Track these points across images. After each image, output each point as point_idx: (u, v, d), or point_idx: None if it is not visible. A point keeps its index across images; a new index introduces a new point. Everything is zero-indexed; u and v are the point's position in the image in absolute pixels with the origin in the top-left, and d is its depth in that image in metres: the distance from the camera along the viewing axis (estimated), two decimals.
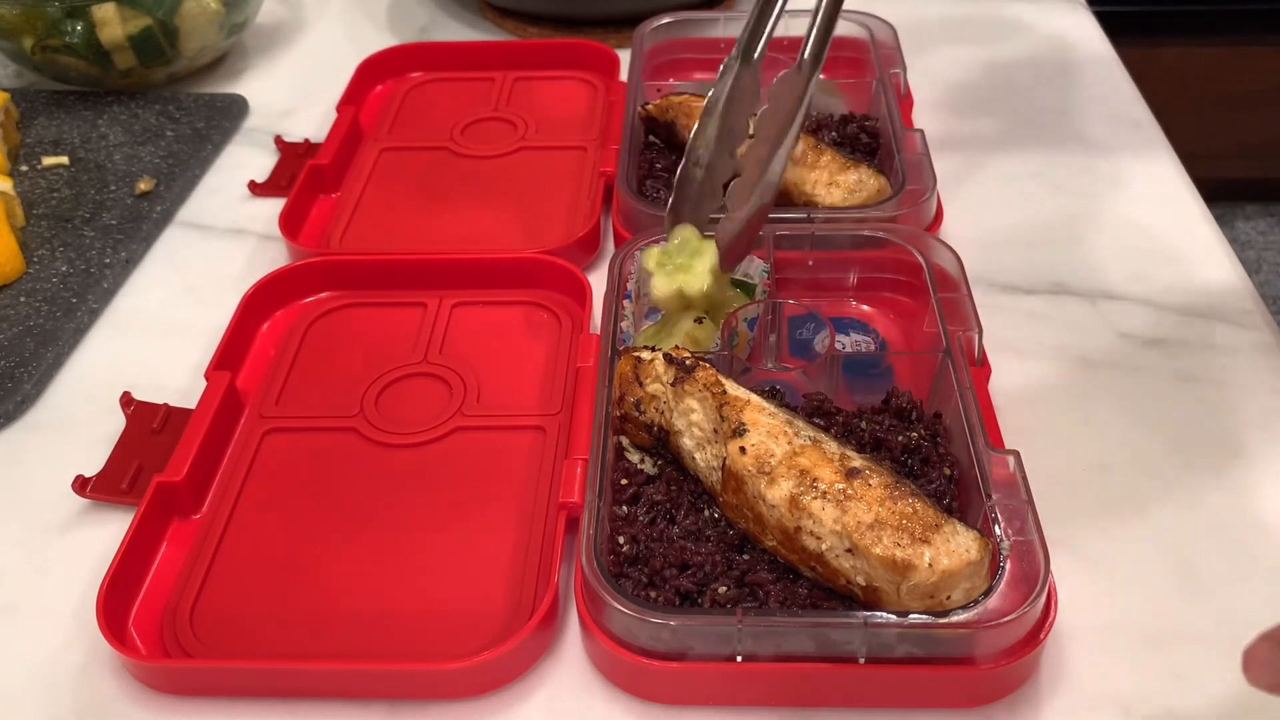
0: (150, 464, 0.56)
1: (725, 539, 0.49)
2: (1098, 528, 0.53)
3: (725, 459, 0.48)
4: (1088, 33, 0.91)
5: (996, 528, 0.46)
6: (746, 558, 0.49)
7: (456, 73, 0.89)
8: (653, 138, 0.76)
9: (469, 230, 0.73)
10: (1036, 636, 0.44)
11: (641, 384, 0.53)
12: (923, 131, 0.69)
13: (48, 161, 0.80)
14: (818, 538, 0.45)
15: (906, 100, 0.77)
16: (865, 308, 0.64)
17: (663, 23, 0.83)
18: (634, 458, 0.54)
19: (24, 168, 0.80)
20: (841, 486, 0.45)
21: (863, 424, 0.53)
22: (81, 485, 0.56)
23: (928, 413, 0.54)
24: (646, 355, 0.53)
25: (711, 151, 0.60)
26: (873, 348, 0.62)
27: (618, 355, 0.55)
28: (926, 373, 0.56)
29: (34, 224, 0.74)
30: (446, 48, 0.90)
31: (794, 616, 0.45)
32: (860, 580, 0.45)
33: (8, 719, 0.48)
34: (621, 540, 0.49)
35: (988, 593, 0.44)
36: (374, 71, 0.88)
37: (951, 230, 0.69)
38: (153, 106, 0.86)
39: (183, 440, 0.56)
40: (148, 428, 0.59)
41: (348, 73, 0.87)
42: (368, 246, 0.72)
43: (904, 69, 0.78)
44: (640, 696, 0.47)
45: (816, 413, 0.54)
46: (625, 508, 0.51)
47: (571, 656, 0.49)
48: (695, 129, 0.60)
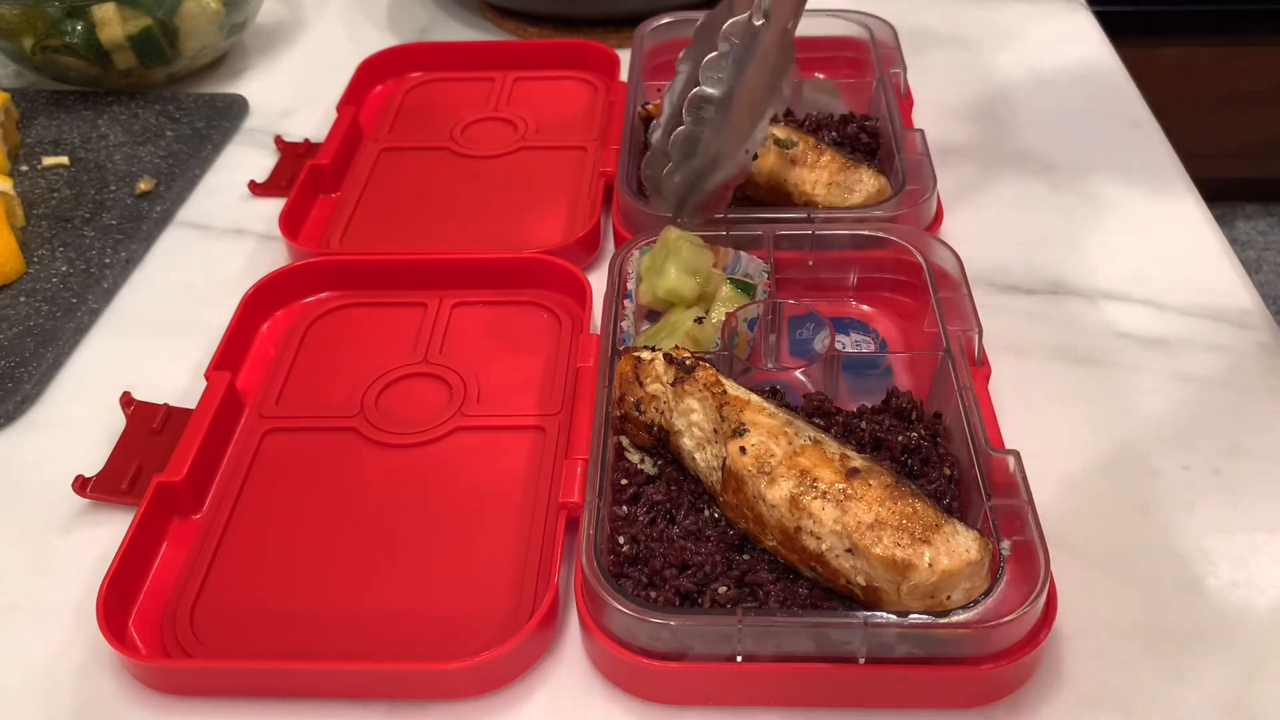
0: (150, 464, 0.56)
1: (725, 539, 0.49)
2: (1098, 528, 0.53)
3: (725, 459, 0.48)
4: (1087, 33, 0.91)
5: (996, 528, 0.46)
6: (746, 558, 0.49)
7: (456, 73, 0.89)
8: None
9: (469, 230, 0.73)
10: (1036, 636, 0.44)
11: (641, 384, 0.53)
12: (923, 131, 0.69)
13: (48, 161, 0.80)
14: (818, 538, 0.45)
15: (906, 100, 0.77)
16: (865, 308, 0.64)
17: (663, 23, 0.83)
18: (634, 458, 0.54)
19: (24, 168, 0.80)
20: (841, 486, 0.45)
21: (863, 424, 0.53)
22: (81, 485, 0.56)
23: (928, 413, 0.54)
24: (646, 355, 0.53)
25: (667, 115, 0.58)
26: (873, 348, 0.62)
27: (618, 355, 0.55)
28: (926, 373, 0.56)
29: (34, 224, 0.74)
30: (446, 48, 0.90)
31: (794, 616, 0.45)
32: (860, 580, 0.45)
33: (8, 719, 0.48)
34: (621, 540, 0.49)
35: (988, 593, 0.44)
36: (374, 71, 0.88)
37: (951, 230, 0.69)
38: (153, 106, 0.86)
39: (183, 440, 0.56)
40: (148, 428, 0.59)
41: (348, 73, 0.87)
42: (368, 246, 0.72)
43: (904, 69, 0.78)
44: (640, 696, 0.47)
45: (816, 413, 0.54)
46: (625, 508, 0.51)
47: (571, 656, 0.49)
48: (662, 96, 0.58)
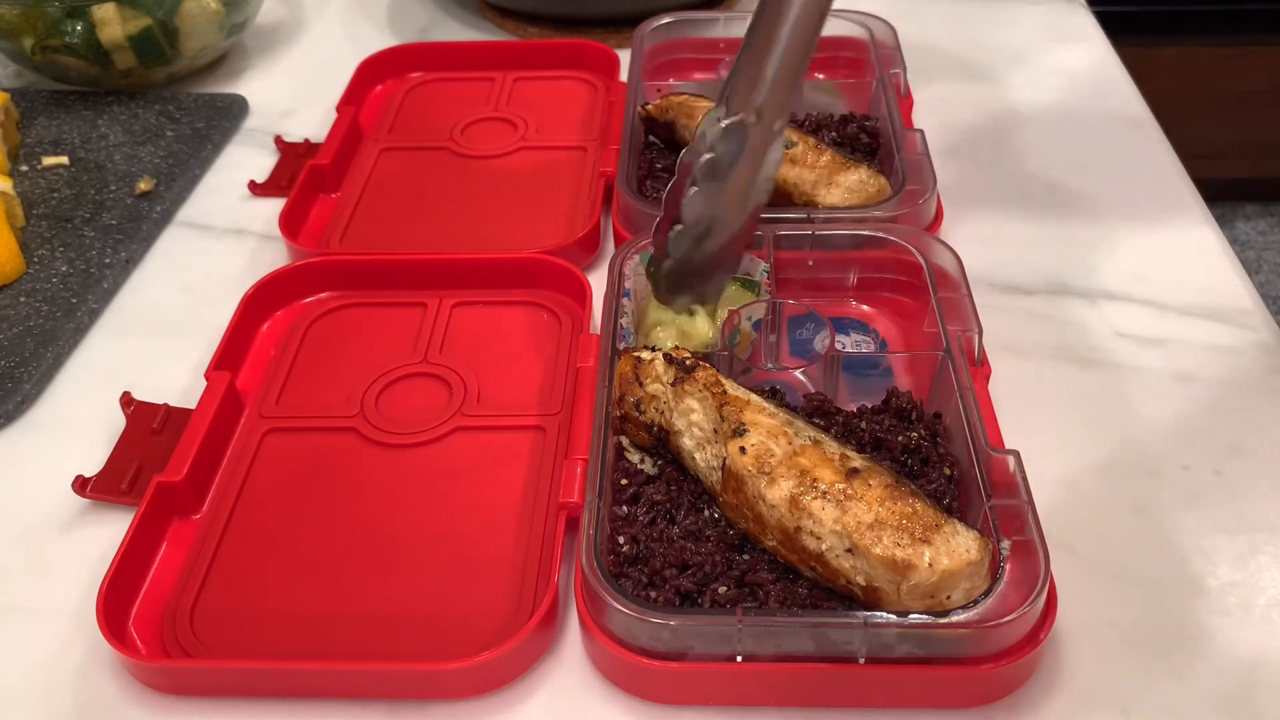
0: (150, 464, 0.56)
1: (725, 539, 0.49)
2: (1098, 528, 0.52)
3: (725, 459, 0.48)
4: (1087, 33, 0.91)
5: (996, 528, 0.46)
6: (746, 558, 0.49)
7: (456, 73, 0.89)
8: (653, 138, 0.76)
9: (469, 230, 0.73)
10: (1036, 636, 0.44)
11: (641, 384, 0.53)
12: (923, 131, 0.69)
13: (48, 161, 0.80)
14: (818, 538, 0.45)
15: (906, 100, 0.77)
16: (865, 308, 0.64)
17: (663, 23, 0.83)
18: (634, 458, 0.54)
19: (24, 168, 0.80)
20: (841, 486, 0.45)
21: (863, 424, 0.53)
22: (81, 485, 0.56)
23: (928, 413, 0.54)
24: (646, 355, 0.53)
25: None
26: (873, 348, 0.62)
27: (618, 355, 0.55)
28: (926, 373, 0.56)
29: (34, 224, 0.74)
30: (446, 48, 0.90)
31: (794, 616, 0.45)
32: (860, 580, 0.45)
33: (8, 719, 0.48)
34: (621, 540, 0.49)
35: (988, 593, 0.44)
36: (374, 71, 0.88)
37: (951, 230, 0.69)
38: (153, 106, 0.86)
39: (183, 440, 0.56)
40: (148, 428, 0.59)
41: (348, 73, 0.87)
42: (368, 246, 0.72)
43: (904, 69, 0.78)
44: (640, 696, 0.47)
45: (816, 413, 0.54)
46: (625, 508, 0.51)
47: (571, 656, 0.49)
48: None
